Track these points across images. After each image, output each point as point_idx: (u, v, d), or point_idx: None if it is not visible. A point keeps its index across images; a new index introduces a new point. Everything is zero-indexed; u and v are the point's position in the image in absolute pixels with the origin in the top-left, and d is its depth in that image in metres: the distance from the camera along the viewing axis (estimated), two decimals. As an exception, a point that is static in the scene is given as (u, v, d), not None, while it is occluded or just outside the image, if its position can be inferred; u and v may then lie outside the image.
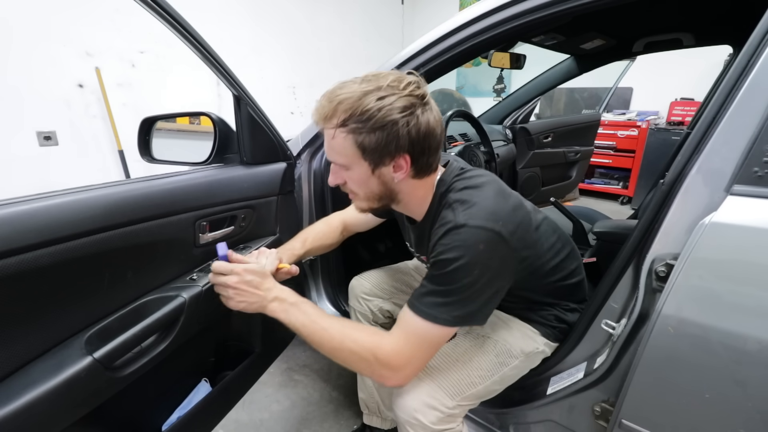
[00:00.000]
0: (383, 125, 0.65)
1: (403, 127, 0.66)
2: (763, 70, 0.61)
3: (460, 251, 0.66)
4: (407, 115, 0.66)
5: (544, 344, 0.91)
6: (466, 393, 0.80)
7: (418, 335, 0.70)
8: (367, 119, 0.65)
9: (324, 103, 0.68)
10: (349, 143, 0.68)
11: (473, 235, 0.67)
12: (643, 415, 0.73)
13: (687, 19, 1.45)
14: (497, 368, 0.85)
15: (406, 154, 0.69)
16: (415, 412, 0.75)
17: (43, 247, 0.57)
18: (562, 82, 2.19)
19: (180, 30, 0.73)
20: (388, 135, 0.66)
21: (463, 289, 0.67)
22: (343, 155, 0.70)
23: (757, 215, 0.60)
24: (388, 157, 0.69)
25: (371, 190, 0.75)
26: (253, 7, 3.39)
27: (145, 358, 0.70)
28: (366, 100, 0.65)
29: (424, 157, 0.71)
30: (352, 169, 0.72)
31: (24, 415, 0.52)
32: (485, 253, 0.67)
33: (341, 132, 0.67)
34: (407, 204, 0.80)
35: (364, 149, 0.68)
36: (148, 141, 1.07)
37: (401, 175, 0.72)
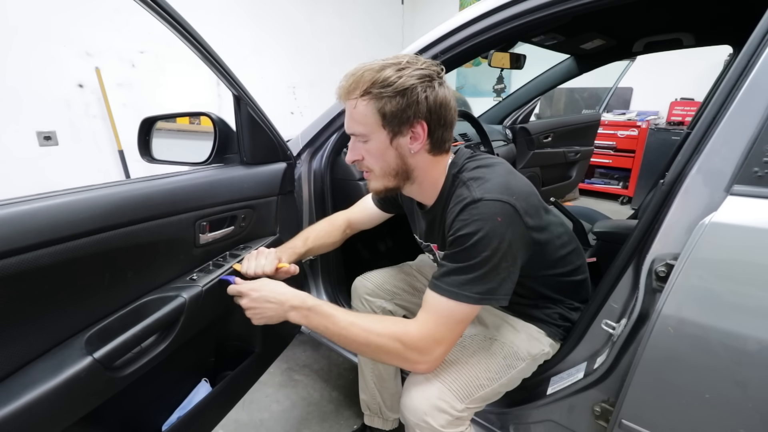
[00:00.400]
0: (404, 89, 0.70)
1: (422, 92, 0.70)
2: (763, 70, 0.61)
3: (479, 224, 0.68)
4: (426, 83, 0.71)
5: (549, 345, 0.91)
6: (475, 395, 0.80)
7: (444, 315, 0.71)
8: (388, 85, 0.70)
9: (347, 77, 0.74)
10: (371, 110, 0.72)
11: (490, 207, 0.69)
12: (643, 415, 0.73)
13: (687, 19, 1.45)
14: (505, 370, 0.85)
15: (423, 121, 0.72)
16: (424, 415, 0.75)
17: (43, 247, 0.57)
18: (562, 82, 2.19)
19: (180, 30, 0.73)
20: (408, 99, 0.70)
21: (484, 263, 0.69)
22: (363, 124, 0.74)
23: (757, 215, 0.59)
24: (407, 125, 0.73)
25: (388, 164, 0.77)
26: (253, 7, 3.39)
27: (145, 358, 0.70)
28: (386, 71, 0.70)
29: (439, 129, 0.75)
30: (371, 139, 0.75)
31: (24, 415, 0.52)
32: (503, 225, 0.69)
33: (363, 100, 0.72)
34: (421, 183, 0.81)
35: (385, 115, 0.72)
36: (148, 141, 1.07)
37: (417, 145, 0.75)
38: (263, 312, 0.78)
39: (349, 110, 0.75)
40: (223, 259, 0.91)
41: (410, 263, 1.20)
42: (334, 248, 1.08)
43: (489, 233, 0.68)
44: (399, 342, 0.71)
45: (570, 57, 2.07)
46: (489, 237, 0.68)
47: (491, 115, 2.53)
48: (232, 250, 0.94)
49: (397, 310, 1.15)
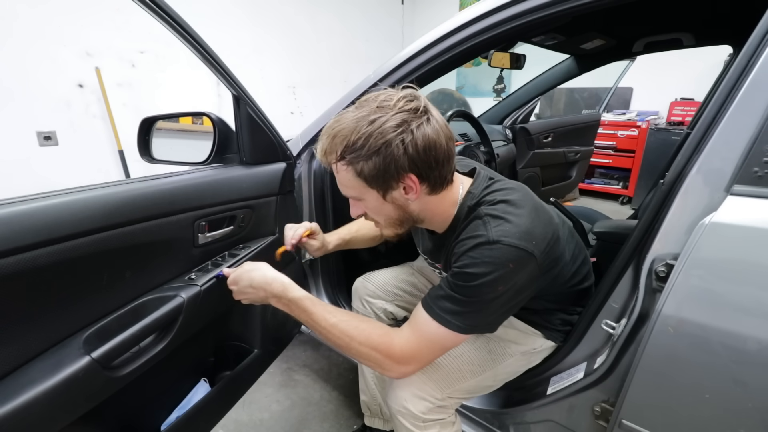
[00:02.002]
0: (377, 149, 0.63)
1: (398, 147, 0.63)
2: (763, 70, 0.61)
3: (489, 267, 0.64)
4: (400, 133, 0.63)
5: (543, 344, 0.91)
6: (456, 386, 0.81)
7: (429, 337, 0.70)
8: (361, 147, 0.64)
9: (324, 140, 0.68)
10: (351, 175, 0.67)
11: (505, 253, 0.65)
12: (643, 415, 0.73)
13: (687, 19, 1.45)
14: (489, 364, 0.85)
15: (410, 173, 0.66)
16: (405, 402, 0.77)
17: (41, 246, 0.56)
18: (562, 82, 2.19)
19: (179, 31, 0.73)
20: (384, 158, 0.64)
21: (484, 303, 0.67)
22: (350, 188, 0.71)
23: (757, 215, 0.59)
24: (394, 181, 0.67)
25: (389, 216, 0.74)
26: (253, 7, 3.39)
27: (144, 357, 0.70)
28: (358, 127, 0.64)
29: (433, 171, 0.68)
30: (365, 198, 0.72)
31: (22, 414, 0.52)
32: (514, 272, 0.65)
33: (342, 165, 0.67)
34: (431, 220, 0.78)
35: (366, 178, 0.67)
36: (147, 141, 1.07)
37: (414, 195, 0.70)
38: (249, 297, 0.79)
39: (335, 174, 0.71)
40: (222, 258, 0.91)
41: (411, 263, 1.20)
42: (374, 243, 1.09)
43: (497, 279, 0.65)
44: (378, 352, 0.71)
45: (570, 57, 2.07)
46: (496, 282, 0.65)
47: (491, 115, 2.53)
48: (231, 250, 0.94)
49: (399, 312, 1.15)
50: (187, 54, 0.83)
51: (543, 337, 0.91)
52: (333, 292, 1.45)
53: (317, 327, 0.74)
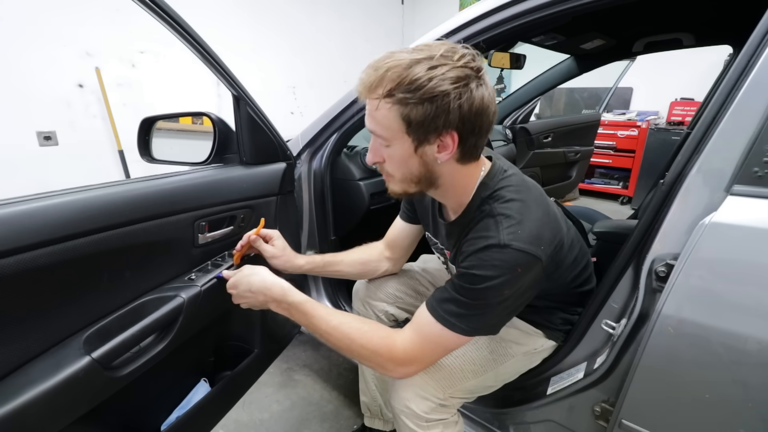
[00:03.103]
0: (433, 96, 0.59)
1: (455, 100, 0.59)
2: (763, 70, 0.61)
3: (497, 271, 0.63)
4: (460, 87, 0.60)
5: (545, 344, 0.91)
6: (458, 386, 0.81)
7: (432, 339, 0.70)
8: (416, 89, 0.59)
9: (369, 72, 0.63)
10: (394, 115, 0.62)
11: (515, 258, 0.64)
12: (643, 415, 0.73)
13: (687, 19, 1.45)
14: (490, 364, 0.85)
15: (454, 131, 0.63)
16: (407, 401, 0.77)
17: (41, 247, 0.57)
18: (562, 82, 2.19)
19: (179, 31, 0.73)
20: (437, 108, 0.60)
21: (489, 307, 0.67)
22: (385, 128, 0.65)
23: (757, 215, 0.59)
24: (434, 134, 0.63)
25: (410, 171, 0.69)
26: (253, 7, 3.39)
27: (144, 357, 0.70)
28: (416, 69, 0.59)
29: (472, 137, 0.65)
30: (393, 145, 0.66)
31: (23, 414, 0.52)
32: (520, 276, 0.65)
33: (386, 103, 0.62)
34: (445, 191, 0.74)
35: (410, 123, 0.62)
36: (147, 141, 1.07)
37: (445, 156, 0.65)
38: (248, 302, 0.79)
39: (369, 109, 0.66)
40: (222, 259, 0.91)
41: (412, 265, 1.19)
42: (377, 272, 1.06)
43: (504, 283, 0.64)
44: (379, 355, 0.72)
45: (570, 57, 2.07)
46: (502, 286, 0.64)
47: (491, 115, 2.52)
48: (230, 251, 0.94)
49: (400, 314, 1.14)
50: (187, 54, 0.83)
51: (544, 336, 0.91)
52: (333, 294, 1.45)
53: (318, 330, 0.74)
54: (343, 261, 1.02)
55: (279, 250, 0.93)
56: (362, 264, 1.04)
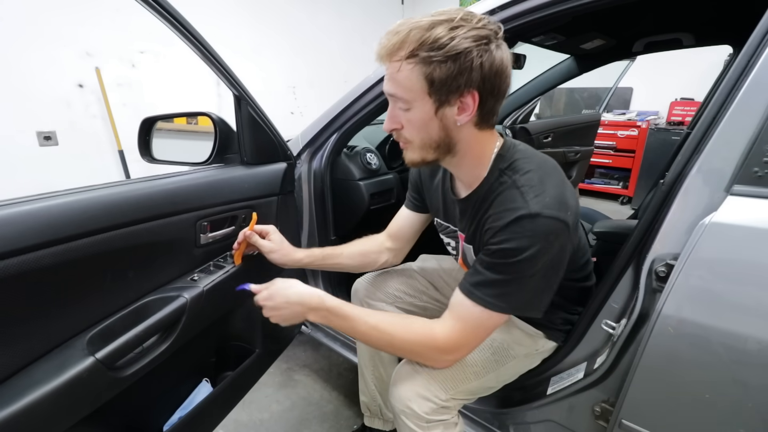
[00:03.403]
0: (457, 54, 0.60)
1: (477, 58, 0.61)
2: (763, 70, 0.61)
3: (531, 242, 0.64)
4: (482, 46, 0.61)
5: (545, 345, 0.91)
6: (460, 387, 0.81)
7: (474, 324, 0.71)
8: (439, 48, 0.60)
9: (389, 36, 0.64)
10: (416, 75, 0.63)
11: (547, 225, 0.64)
12: (643, 415, 0.73)
13: (687, 19, 1.45)
14: (492, 366, 0.85)
15: (475, 90, 0.64)
16: (409, 401, 0.77)
17: (44, 247, 0.57)
18: (562, 82, 2.19)
19: (181, 30, 0.73)
20: (460, 66, 0.61)
21: (526, 279, 0.67)
22: (407, 90, 0.65)
23: (757, 215, 0.60)
24: (456, 94, 0.64)
25: (429, 136, 0.69)
26: (254, 7, 3.39)
27: (147, 358, 0.70)
28: (437, 30, 0.61)
29: (491, 99, 0.66)
30: (414, 108, 0.67)
31: (26, 415, 0.52)
32: (553, 244, 0.65)
33: (409, 63, 0.63)
34: (461, 159, 0.74)
35: (433, 82, 0.63)
36: (148, 141, 1.07)
37: (465, 117, 0.66)
38: (282, 314, 0.78)
39: (390, 72, 0.66)
40: (224, 259, 0.91)
41: (411, 264, 1.19)
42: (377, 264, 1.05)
43: (539, 252, 0.64)
44: (423, 346, 0.73)
45: (570, 57, 2.07)
46: (538, 256, 0.64)
47: (491, 115, 2.52)
48: (232, 251, 0.94)
49: (399, 313, 1.14)
50: (187, 54, 0.83)
51: (545, 337, 0.91)
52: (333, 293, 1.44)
53: (359, 331, 0.75)
54: (342, 253, 1.02)
55: (276, 245, 0.93)
56: (362, 255, 1.03)
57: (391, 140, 1.64)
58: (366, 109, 1.18)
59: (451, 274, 1.13)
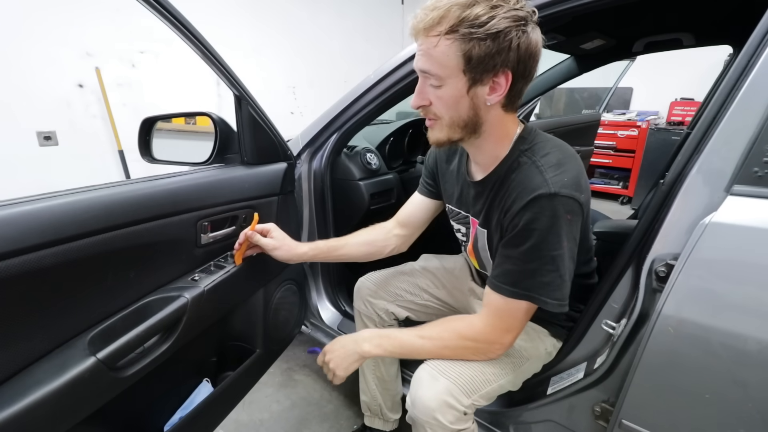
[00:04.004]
0: (497, 32, 0.61)
1: (515, 39, 0.62)
2: (763, 70, 0.61)
3: (551, 220, 0.66)
4: (520, 26, 0.62)
5: (552, 344, 0.91)
6: (481, 391, 0.80)
7: (508, 314, 0.75)
8: (480, 25, 0.61)
9: (427, 11, 0.64)
10: (454, 52, 0.63)
11: (565, 204, 0.66)
12: (643, 415, 0.73)
13: (687, 19, 1.45)
14: (510, 368, 0.85)
15: (509, 71, 0.65)
16: (434, 412, 0.75)
17: (46, 247, 0.57)
18: (562, 82, 2.19)
19: (181, 29, 0.73)
20: (499, 45, 0.62)
21: (546, 261, 0.68)
22: (442, 65, 0.65)
23: (757, 215, 0.60)
24: (490, 73, 0.65)
25: (459, 114, 0.70)
26: (254, 6, 3.39)
27: (148, 358, 0.70)
28: (477, 9, 0.61)
29: (521, 81, 0.68)
30: (446, 85, 0.67)
31: (28, 415, 0.52)
32: (570, 224, 0.68)
33: (447, 39, 0.63)
34: (485, 140, 0.75)
35: (470, 59, 0.63)
36: (148, 141, 1.07)
37: (495, 97, 0.67)
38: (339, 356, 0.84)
39: (425, 47, 0.66)
40: (224, 260, 0.91)
41: (413, 264, 1.19)
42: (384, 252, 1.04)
43: (561, 232, 0.67)
44: (469, 340, 0.76)
45: (570, 57, 2.07)
46: (560, 235, 0.67)
47: (491, 115, 2.52)
48: (231, 251, 0.94)
49: (401, 312, 1.14)
50: (187, 54, 0.83)
51: (549, 335, 0.91)
52: (333, 292, 1.45)
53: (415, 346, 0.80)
54: (348, 243, 1.01)
55: (278, 242, 0.92)
56: (368, 244, 1.02)
57: (391, 140, 1.65)
58: (366, 109, 1.18)
59: (453, 273, 1.13)
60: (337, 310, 1.44)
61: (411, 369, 1.23)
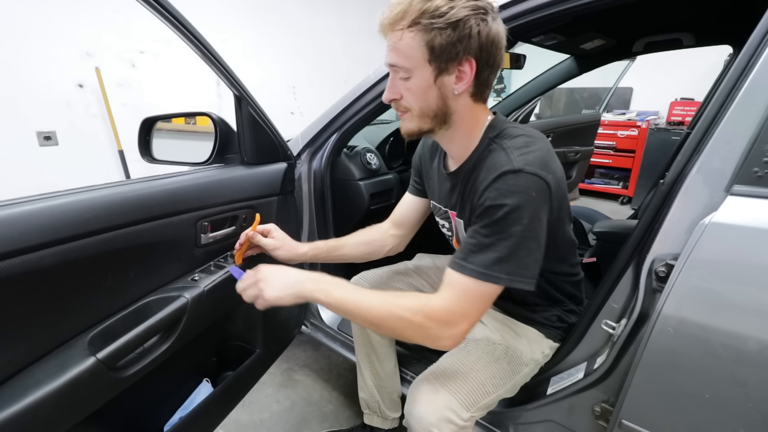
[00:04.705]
0: (456, 21, 0.64)
1: (475, 26, 0.65)
2: (763, 70, 0.61)
3: (514, 198, 0.65)
4: (479, 15, 0.65)
5: (548, 347, 0.91)
6: (481, 403, 0.79)
7: (468, 295, 0.69)
8: (440, 15, 0.64)
9: (391, 8, 0.68)
10: (418, 43, 0.67)
11: (528, 180, 0.66)
12: (643, 415, 0.73)
13: (687, 19, 1.45)
14: (509, 376, 0.84)
15: (472, 58, 0.67)
16: (431, 426, 0.74)
17: (45, 247, 0.57)
18: (562, 82, 2.19)
19: (181, 29, 0.73)
20: (459, 33, 0.65)
21: (514, 238, 0.66)
22: (408, 57, 0.68)
23: (757, 215, 0.60)
24: (455, 62, 0.67)
25: (428, 104, 0.72)
26: (254, 7, 3.39)
27: (148, 358, 0.70)
28: (437, 1, 0.64)
29: (487, 69, 0.70)
30: (414, 76, 0.70)
31: (28, 415, 0.52)
32: (535, 201, 0.66)
33: (410, 31, 0.66)
34: (456, 130, 0.77)
35: (433, 48, 0.66)
36: (148, 141, 1.07)
37: (462, 86, 0.70)
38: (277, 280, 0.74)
39: (392, 42, 0.70)
40: (224, 260, 0.91)
41: (407, 263, 1.20)
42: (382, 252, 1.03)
43: (522, 207, 0.65)
44: (422, 315, 0.68)
45: (570, 57, 2.07)
46: (522, 210, 0.65)
47: (491, 115, 2.52)
48: (232, 251, 0.94)
49: None
50: (187, 54, 0.83)
51: (545, 336, 0.91)
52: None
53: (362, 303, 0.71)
54: (347, 244, 1.01)
55: (279, 242, 0.92)
56: (366, 244, 1.03)
57: (391, 140, 1.65)
58: (366, 109, 1.18)
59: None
60: (337, 310, 1.44)
61: (409, 368, 1.23)
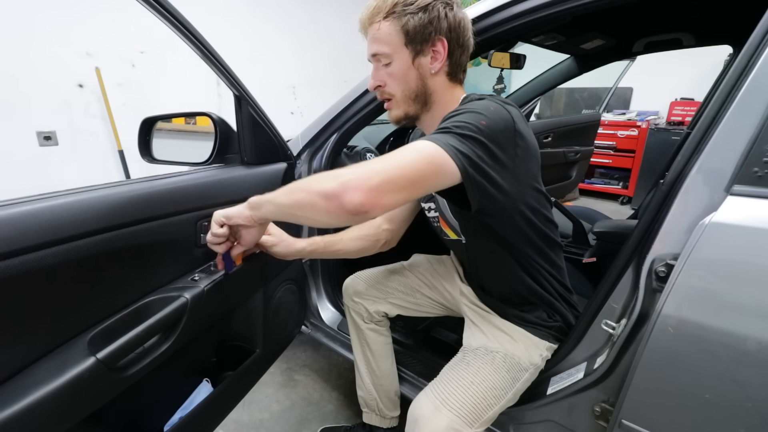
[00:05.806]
0: (425, 5, 0.74)
1: (443, 9, 0.75)
2: (763, 70, 0.61)
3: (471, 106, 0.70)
4: (445, 1, 0.76)
5: (545, 348, 0.90)
6: (484, 417, 0.78)
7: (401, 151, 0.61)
8: (410, 3, 0.75)
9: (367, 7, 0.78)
10: (394, 29, 0.76)
11: (487, 103, 0.71)
12: (643, 415, 0.73)
13: (687, 19, 1.45)
14: (510, 385, 0.84)
15: (443, 38, 0.77)
16: None
17: (46, 247, 0.57)
18: (562, 82, 2.19)
19: (181, 29, 0.73)
20: (429, 15, 0.75)
21: (467, 128, 0.64)
22: (387, 43, 0.77)
23: (757, 215, 0.60)
24: (428, 42, 0.77)
25: (409, 86, 0.80)
26: (254, 7, 3.39)
27: (148, 358, 0.70)
28: None
29: (458, 50, 0.79)
30: (394, 60, 0.78)
31: (28, 415, 0.52)
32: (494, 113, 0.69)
33: (387, 21, 0.76)
34: (436, 110, 0.83)
35: (408, 32, 0.76)
36: (148, 141, 1.07)
37: (438, 65, 0.78)
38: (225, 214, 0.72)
39: (371, 34, 0.79)
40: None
41: (403, 263, 1.20)
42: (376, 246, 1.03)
43: (480, 113, 0.67)
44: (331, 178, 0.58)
45: (570, 57, 2.07)
46: (479, 115, 0.66)
47: (491, 115, 2.52)
48: (232, 251, 0.94)
49: (391, 309, 1.14)
50: (187, 54, 0.83)
51: (541, 338, 0.90)
52: (333, 292, 1.45)
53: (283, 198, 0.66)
54: (342, 239, 1.01)
55: (276, 238, 0.91)
56: (361, 239, 1.03)
57: (391, 140, 1.65)
58: (366, 109, 1.18)
59: (441, 274, 1.13)
60: (337, 310, 1.44)
61: (407, 367, 1.23)
